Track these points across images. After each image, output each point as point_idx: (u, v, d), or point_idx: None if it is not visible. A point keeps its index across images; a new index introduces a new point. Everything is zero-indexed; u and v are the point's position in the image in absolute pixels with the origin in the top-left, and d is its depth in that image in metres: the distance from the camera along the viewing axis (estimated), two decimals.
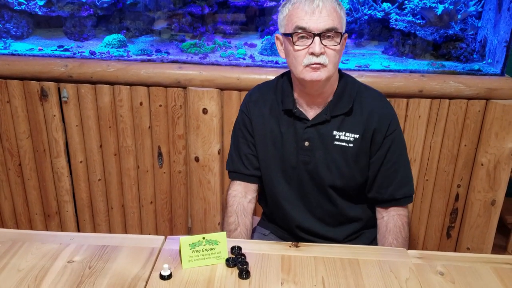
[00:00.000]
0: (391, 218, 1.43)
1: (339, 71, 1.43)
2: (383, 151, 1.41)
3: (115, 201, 2.30)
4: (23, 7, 2.24)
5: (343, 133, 1.40)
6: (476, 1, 2.09)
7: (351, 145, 1.40)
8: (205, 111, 2.04)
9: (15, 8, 2.24)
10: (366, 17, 2.27)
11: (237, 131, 1.53)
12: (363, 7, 2.25)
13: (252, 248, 1.28)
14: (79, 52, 2.14)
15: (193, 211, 2.25)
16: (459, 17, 2.10)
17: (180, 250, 1.20)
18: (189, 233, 2.34)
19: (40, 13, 2.25)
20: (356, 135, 1.39)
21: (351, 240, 1.52)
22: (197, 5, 2.30)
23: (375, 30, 2.36)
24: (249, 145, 1.49)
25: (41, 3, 2.23)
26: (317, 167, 1.42)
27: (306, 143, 1.41)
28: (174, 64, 2.08)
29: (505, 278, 1.21)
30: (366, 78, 1.96)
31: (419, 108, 2.02)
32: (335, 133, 1.40)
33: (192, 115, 2.06)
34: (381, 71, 2.04)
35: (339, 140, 1.40)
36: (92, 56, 2.12)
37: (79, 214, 2.34)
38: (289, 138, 1.43)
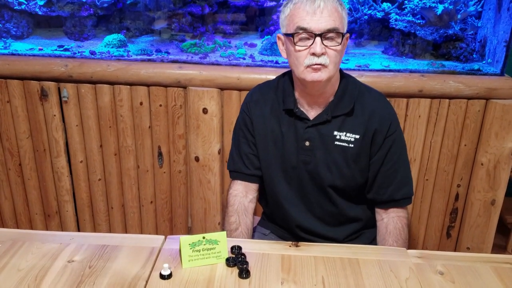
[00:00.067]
0: (391, 220, 1.43)
1: (341, 71, 1.43)
2: (383, 151, 1.41)
3: (115, 201, 2.30)
4: (23, 7, 2.24)
5: (344, 133, 1.40)
6: (476, 1, 2.09)
7: (352, 145, 1.40)
8: (205, 111, 2.05)
9: (15, 8, 2.24)
10: (366, 17, 2.27)
11: (238, 130, 1.53)
12: (363, 7, 2.25)
13: (252, 248, 1.28)
14: (79, 52, 2.15)
15: (193, 210, 2.25)
16: (459, 17, 2.10)
17: (180, 250, 1.21)
18: (189, 232, 2.34)
19: (40, 13, 2.25)
20: (357, 136, 1.39)
21: (351, 240, 1.52)
22: (197, 5, 2.30)
23: (375, 30, 2.36)
24: (249, 144, 1.50)
25: (41, 3, 2.23)
26: (317, 167, 1.42)
27: (307, 143, 1.41)
28: (174, 64, 2.08)
29: (505, 277, 1.21)
30: (366, 78, 1.96)
31: (419, 108, 2.02)
32: (335, 133, 1.40)
33: (192, 115, 2.06)
34: (381, 71, 2.04)
35: (339, 140, 1.40)
36: (92, 56, 2.12)
37: (79, 214, 2.34)
38: (289, 138, 1.43)
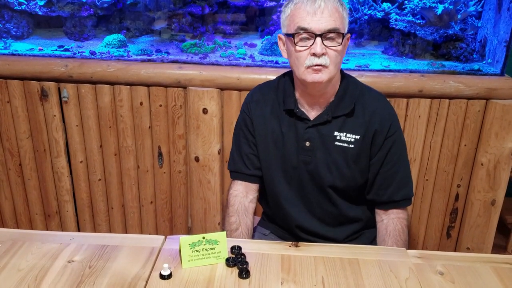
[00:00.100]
0: (390, 222, 1.43)
1: (341, 71, 1.43)
2: (383, 152, 1.41)
3: (115, 201, 2.30)
4: (23, 7, 2.24)
5: (344, 133, 1.39)
6: (476, 1, 2.09)
7: (352, 146, 1.40)
8: (205, 111, 2.05)
9: (15, 8, 2.24)
10: (366, 17, 2.27)
11: (238, 131, 1.53)
12: (363, 7, 2.25)
13: (252, 248, 1.28)
14: (79, 52, 2.15)
15: (193, 211, 2.25)
16: (459, 17, 2.10)
17: (180, 250, 1.21)
18: (189, 233, 2.34)
19: (40, 13, 2.25)
20: (357, 136, 1.39)
21: (351, 240, 1.52)
22: (197, 5, 2.30)
23: (375, 30, 2.36)
24: (250, 145, 1.49)
25: (41, 3, 2.23)
26: (318, 167, 1.42)
27: (307, 143, 1.41)
28: (174, 64, 2.08)
29: (505, 278, 1.21)
30: (366, 78, 1.96)
31: (419, 108, 2.02)
32: (336, 133, 1.40)
33: (192, 115, 2.06)
34: (381, 71, 2.04)
35: (339, 140, 1.40)
36: (92, 56, 2.12)
37: (79, 214, 2.34)
38: (290, 138, 1.43)
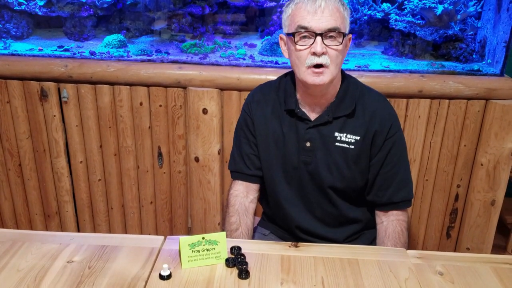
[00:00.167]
0: (390, 223, 1.43)
1: (342, 72, 1.43)
2: (383, 153, 1.41)
3: (115, 201, 2.30)
4: (23, 7, 2.24)
5: (345, 134, 1.39)
6: (476, 1, 2.09)
7: (352, 146, 1.39)
8: (205, 111, 2.05)
9: (15, 8, 2.24)
10: (366, 17, 2.27)
11: (239, 131, 1.53)
12: (363, 8, 2.25)
13: (251, 248, 1.28)
14: (79, 52, 2.15)
15: (193, 211, 2.25)
16: (459, 17, 2.10)
17: (180, 250, 1.20)
18: (189, 233, 2.34)
19: (40, 13, 2.25)
20: (357, 137, 1.39)
21: (351, 241, 1.52)
22: (197, 5, 2.30)
23: (375, 31, 2.36)
24: (251, 145, 1.49)
25: (41, 3, 2.23)
26: (318, 168, 1.42)
27: (308, 144, 1.41)
28: (174, 64, 2.08)
29: (505, 278, 1.21)
30: (366, 79, 1.96)
31: (418, 108, 2.02)
32: (336, 134, 1.40)
33: (192, 115, 2.06)
34: (381, 71, 2.04)
35: (340, 141, 1.40)
36: (92, 56, 2.12)
37: (79, 214, 2.34)
38: (290, 139, 1.43)
